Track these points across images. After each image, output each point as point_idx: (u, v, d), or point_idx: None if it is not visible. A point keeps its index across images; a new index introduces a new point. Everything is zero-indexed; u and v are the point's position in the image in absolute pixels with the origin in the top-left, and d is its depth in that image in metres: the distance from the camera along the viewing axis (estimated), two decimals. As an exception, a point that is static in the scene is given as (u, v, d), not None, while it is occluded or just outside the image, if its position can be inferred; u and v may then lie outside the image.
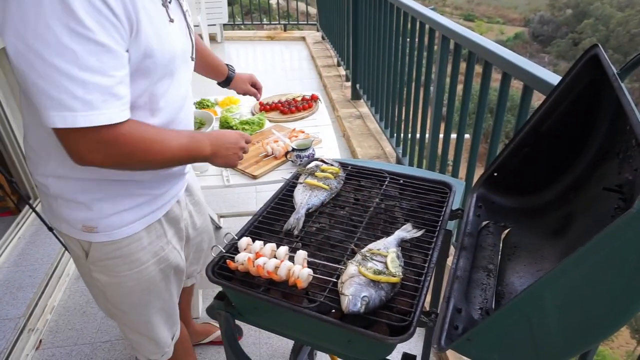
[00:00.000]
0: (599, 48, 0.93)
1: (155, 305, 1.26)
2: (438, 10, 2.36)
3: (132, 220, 1.10)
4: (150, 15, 0.89)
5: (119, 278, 1.15)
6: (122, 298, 1.20)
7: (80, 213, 1.05)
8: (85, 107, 0.80)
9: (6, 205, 2.82)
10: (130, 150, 0.91)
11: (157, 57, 0.92)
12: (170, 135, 0.99)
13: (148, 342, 1.32)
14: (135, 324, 1.28)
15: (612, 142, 0.91)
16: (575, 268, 0.61)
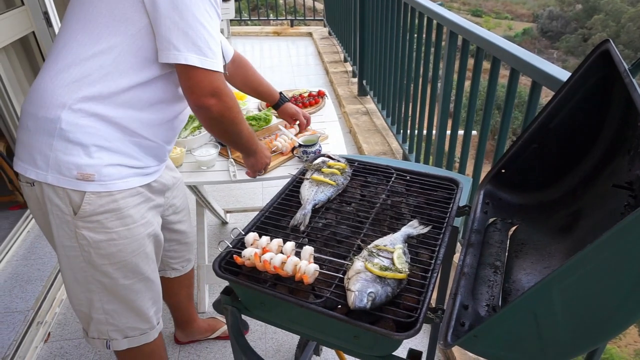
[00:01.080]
0: (610, 43, 0.92)
1: (144, 270, 1.23)
2: (446, 5, 2.34)
3: (127, 175, 1.15)
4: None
5: (110, 234, 1.13)
6: (110, 258, 1.16)
7: (77, 158, 1.05)
8: (214, 56, 1.07)
9: (15, 199, 2.84)
10: (234, 104, 1.17)
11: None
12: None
13: (130, 313, 1.26)
14: (120, 290, 1.21)
15: (622, 138, 0.90)
16: (583, 266, 0.61)
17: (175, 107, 1.22)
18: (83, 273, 1.18)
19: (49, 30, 2.40)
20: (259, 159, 1.49)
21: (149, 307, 1.31)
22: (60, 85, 1.05)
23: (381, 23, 3.29)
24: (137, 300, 1.26)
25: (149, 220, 1.24)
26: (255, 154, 1.46)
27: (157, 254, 1.33)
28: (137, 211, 1.19)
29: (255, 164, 1.50)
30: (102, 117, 1.07)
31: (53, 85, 1.05)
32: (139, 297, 1.26)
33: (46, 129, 1.05)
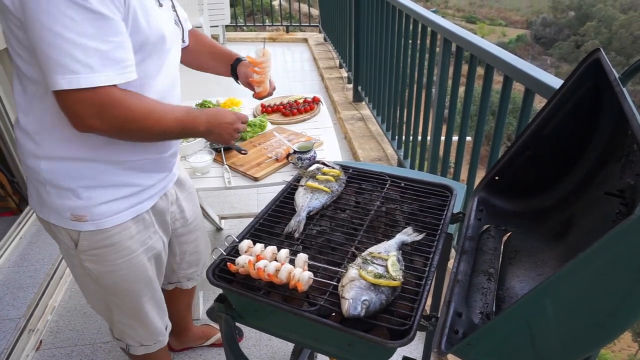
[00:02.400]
0: (600, 52, 0.93)
1: (147, 293, 1.29)
2: (440, 12, 2.37)
3: (120, 210, 1.13)
4: None
5: (111, 266, 1.18)
6: (116, 286, 1.22)
7: (69, 201, 1.07)
8: (86, 69, 0.87)
9: (7, 205, 2.82)
10: (128, 115, 0.96)
11: (145, 34, 0.98)
12: (167, 107, 1.06)
13: (142, 328, 1.35)
14: (130, 311, 1.30)
15: (614, 146, 0.91)
16: (576, 273, 0.61)
17: None
18: (97, 294, 1.27)
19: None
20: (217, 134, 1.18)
21: (158, 320, 1.37)
22: (24, 136, 1.04)
23: (376, 30, 3.31)
24: (147, 318, 1.33)
25: (150, 245, 1.25)
26: (211, 133, 1.17)
27: (160, 270, 1.34)
28: (136, 241, 1.20)
29: (220, 139, 1.21)
30: (77, 158, 1.04)
31: (19, 135, 1.05)
32: (148, 314, 1.33)
33: (35, 177, 1.07)
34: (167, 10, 1.11)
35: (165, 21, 1.07)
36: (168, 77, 1.13)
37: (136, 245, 1.20)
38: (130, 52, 0.94)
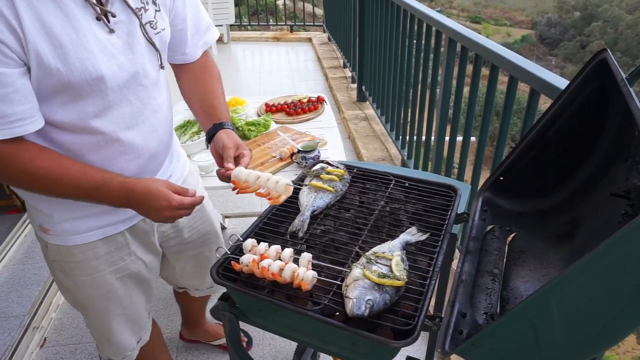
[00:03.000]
0: (607, 52, 0.92)
1: (114, 311, 1.24)
2: (445, 12, 2.36)
3: (86, 230, 1.09)
4: (50, 31, 0.83)
5: (76, 281, 1.16)
6: (82, 300, 1.21)
7: (38, 214, 1.08)
8: None
9: (13, 203, 2.84)
10: (8, 173, 0.89)
11: (62, 76, 0.86)
12: (70, 173, 0.92)
13: (107, 343, 1.31)
14: (95, 324, 1.28)
15: (620, 147, 0.91)
16: (581, 275, 0.61)
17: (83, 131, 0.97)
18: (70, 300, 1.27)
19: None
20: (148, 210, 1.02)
21: (127, 336, 1.32)
22: None
23: (380, 29, 3.31)
24: (113, 334, 1.28)
25: (121, 267, 1.19)
26: (133, 208, 1.01)
27: (143, 287, 1.30)
28: (103, 261, 1.14)
29: (150, 216, 1.04)
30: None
31: None
32: (114, 331, 1.28)
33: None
34: (123, 35, 0.95)
35: (105, 56, 0.91)
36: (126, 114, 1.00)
37: (102, 265, 1.14)
38: (23, 102, 0.84)
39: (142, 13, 0.98)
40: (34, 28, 0.81)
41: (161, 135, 1.12)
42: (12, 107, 0.83)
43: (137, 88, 1.01)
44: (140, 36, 0.98)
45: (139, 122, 1.03)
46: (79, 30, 0.86)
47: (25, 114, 0.85)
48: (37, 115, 0.88)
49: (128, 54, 0.96)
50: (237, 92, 2.57)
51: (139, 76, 1.00)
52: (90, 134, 0.97)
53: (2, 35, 0.78)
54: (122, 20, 0.95)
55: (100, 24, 0.90)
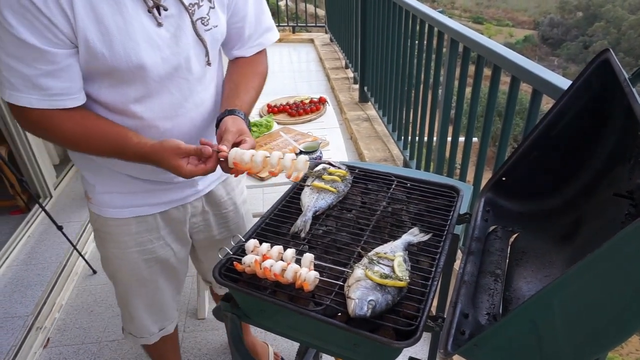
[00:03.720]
0: (610, 52, 0.92)
1: (137, 291, 1.29)
2: (447, 12, 2.36)
3: (121, 205, 1.15)
4: (100, 18, 0.88)
5: (107, 252, 1.24)
6: (111, 272, 1.28)
7: (84, 182, 1.17)
8: (11, 87, 0.90)
9: (16, 204, 2.85)
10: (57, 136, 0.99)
11: (107, 62, 0.91)
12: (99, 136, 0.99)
13: (130, 319, 1.37)
14: (121, 297, 1.34)
15: (623, 147, 0.90)
16: (584, 275, 0.61)
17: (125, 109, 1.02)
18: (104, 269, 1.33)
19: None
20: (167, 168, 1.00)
21: (146, 319, 1.36)
22: None
23: (382, 30, 3.31)
24: (134, 312, 1.34)
25: (149, 249, 1.23)
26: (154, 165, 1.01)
27: (170, 276, 1.33)
28: (133, 239, 1.20)
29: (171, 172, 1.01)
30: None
31: None
32: (135, 311, 1.33)
33: None
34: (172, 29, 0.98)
35: (151, 47, 0.95)
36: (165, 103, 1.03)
37: (132, 243, 1.20)
38: (66, 80, 0.91)
39: (194, 9, 1.01)
40: (85, 14, 0.87)
41: (201, 129, 1.14)
42: (55, 82, 0.91)
43: (179, 80, 1.03)
44: (189, 31, 1.01)
45: (178, 114, 1.07)
46: (127, 20, 0.91)
47: (65, 91, 0.93)
48: (78, 93, 0.95)
49: (173, 47, 0.99)
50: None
51: (182, 69, 1.03)
52: (130, 118, 1.02)
53: (55, 19, 0.85)
54: (173, 15, 0.98)
55: (150, 17, 0.94)
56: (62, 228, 2.20)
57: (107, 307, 2.19)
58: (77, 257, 2.42)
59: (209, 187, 1.29)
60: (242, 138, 1.05)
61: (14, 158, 2.72)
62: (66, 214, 2.82)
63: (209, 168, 1.00)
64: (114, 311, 2.16)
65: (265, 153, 1.01)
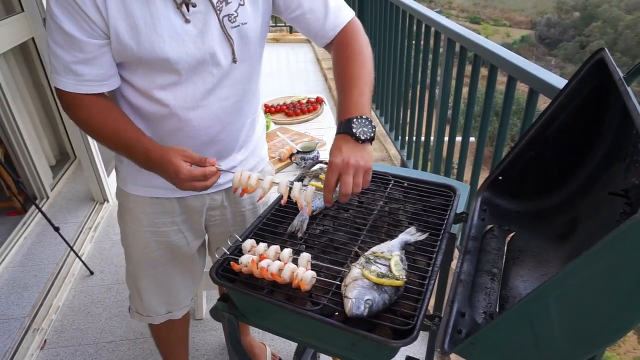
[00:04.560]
0: (605, 52, 0.92)
1: (146, 270, 1.33)
2: (444, 12, 2.36)
3: (141, 184, 1.20)
4: (130, 13, 0.95)
5: (125, 227, 1.29)
6: (125, 246, 1.33)
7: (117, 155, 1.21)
8: (55, 71, 1.00)
9: (12, 205, 2.84)
10: (81, 119, 1.06)
11: (134, 53, 0.98)
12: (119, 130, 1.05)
13: (138, 296, 1.38)
14: (130, 273, 1.37)
15: (618, 146, 0.91)
16: (579, 273, 0.61)
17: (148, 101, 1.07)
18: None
19: (49, 37, 2.41)
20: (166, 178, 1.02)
21: (153, 300, 1.38)
22: None
23: (380, 30, 3.31)
24: (141, 291, 1.37)
25: (162, 231, 1.26)
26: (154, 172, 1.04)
27: (179, 263, 1.34)
28: (148, 218, 1.24)
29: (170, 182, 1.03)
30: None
31: None
32: (143, 289, 1.36)
33: None
34: (199, 25, 0.99)
35: (176, 42, 0.98)
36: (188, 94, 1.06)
37: (146, 222, 1.24)
38: (99, 68, 1.00)
39: (222, 6, 1.02)
40: (116, 10, 0.94)
41: (226, 124, 1.14)
42: (88, 69, 0.99)
43: (204, 74, 1.06)
44: (215, 28, 1.02)
45: (199, 105, 1.08)
46: (155, 16, 0.96)
47: (97, 77, 1.01)
48: (109, 80, 1.03)
49: (198, 43, 1.01)
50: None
51: (207, 64, 1.05)
52: (155, 103, 1.07)
53: (90, 14, 0.93)
54: (201, 11, 0.99)
55: (178, 13, 0.98)
56: (59, 229, 2.19)
57: (104, 309, 2.18)
58: (74, 259, 2.41)
59: (229, 183, 1.27)
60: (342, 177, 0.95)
61: (10, 159, 2.71)
62: (63, 215, 2.81)
63: (207, 185, 1.01)
64: (111, 312, 2.16)
65: (273, 179, 1.03)
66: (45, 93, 3.15)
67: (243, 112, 1.18)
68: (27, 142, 2.71)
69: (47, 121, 3.26)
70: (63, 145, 3.37)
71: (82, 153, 2.74)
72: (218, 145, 1.17)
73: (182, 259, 1.35)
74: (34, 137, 2.90)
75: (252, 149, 1.28)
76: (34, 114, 3.03)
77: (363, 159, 0.94)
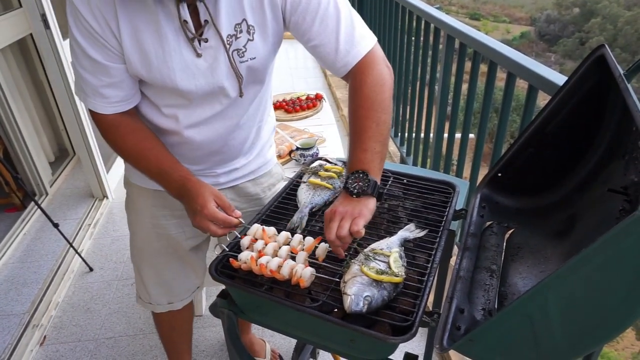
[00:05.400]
0: (605, 48, 0.92)
1: (147, 259, 1.35)
2: (444, 9, 2.36)
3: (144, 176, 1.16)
4: (142, 46, 0.96)
5: (130, 215, 1.33)
6: (131, 234, 1.36)
7: None
8: (82, 93, 1.04)
9: (12, 202, 2.84)
10: (110, 138, 1.08)
11: (145, 79, 1.02)
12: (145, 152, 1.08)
13: (141, 283, 1.40)
14: (134, 259, 1.39)
15: (618, 143, 0.91)
16: (578, 270, 0.61)
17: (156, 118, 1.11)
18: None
19: (47, 33, 2.39)
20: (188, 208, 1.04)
21: (153, 289, 1.40)
22: None
23: (379, 26, 3.30)
24: (143, 278, 1.39)
25: (161, 224, 1.28)
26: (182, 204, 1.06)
27: (176, 257, 1.35)
28: (148, 209, 1.27)
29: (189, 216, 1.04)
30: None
31: None
32: (145, 277, 1.38)
33: None
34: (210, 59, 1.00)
35: (186, 74, 0.99)
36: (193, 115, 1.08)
37: (147, 212, 1.27)
38: (124, 90, 1.03)
39: (232, 41, 1.00)
40: (129, 42, 0.96)
41: (227, 139, 1.16)
42: (116, 92, 1.03)
43: (212, 102, 1.08)
44: (224, 63, 1.01)
45: (200, 123, 1.11)
46: (166, 50, 0.97)
47: (124, 98, 1.05)
48: (133, 97, 1.07)
49: (208, 77, 1.02)
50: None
51: (216, 95, 1.06)
52: (165, 118, 1.10)
53: (108, 39, 0.96)
54: (212, 46, 0.99)
55: (190, 47, 0.98)
56: (58, 225, 2.19)
57: (104, 305, 2.18)
58: (74, 255, 2.41)
59: (233, 182, 1.28)
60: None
61: (9, 155, 2.71)
62: (62, 211, 2.81)
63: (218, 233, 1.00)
64: (110, 308, 2.16)
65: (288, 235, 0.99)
66: (44, 89, 3.14)
67: (247, 126, 1.18)
68: (26, 139, 2.70)
69: (46, 117, 3.25)
70: (62, 141, 3.37)
71: (81, 149, 2.74)
72: (222, 155, 1.20)
73: (182, 254, 1.35)
74: (32, 133, 2.89)
75: (257, 153, 1.28)
76: (33, 111, 3.02)
77: (354, 208, 0.92)
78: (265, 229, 0.99)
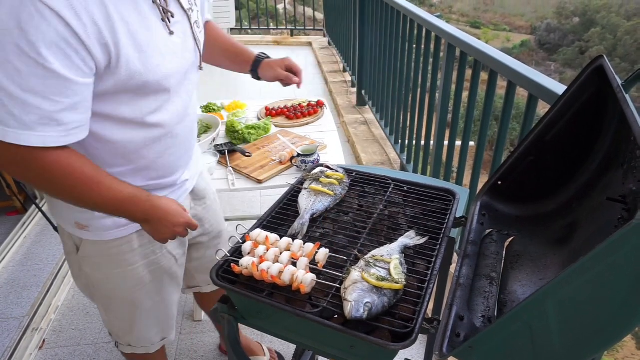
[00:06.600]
0: (604, 59, 0.93)
1: (143, 305, 1.27)
2: (444, 17, 2.38)
3: (124, 224, 1.11)
4: (135, 37, 0.87)
5: (108, 275, 1.19)
6: (109, 292, 1.23)
7: (74, 211, 1.06)
8: (19, 125, 0.79)
9: (13, 205, 2.84)
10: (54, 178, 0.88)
11: (142, 78, 0.91)
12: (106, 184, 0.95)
13: (129, 332, 1.32)
14: (120, 315, 1.29)
15: (616, 152, 0.92)
16: (577, 278, 0.62)
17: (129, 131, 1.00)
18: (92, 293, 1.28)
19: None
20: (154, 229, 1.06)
21: (150, 329, 1.34)
22: None
23: (380, 34, 3.32)
24: (135, 325, 1.30)
25: (153, 260, 1.22)
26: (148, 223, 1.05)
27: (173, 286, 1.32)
28: (137, 254, 1.18)
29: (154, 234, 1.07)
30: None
31: None
32: (137, 324, 1.30)
33: None
34: (182, 34, 0.99)
35: (173, 54, 0.96)
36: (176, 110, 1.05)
37: (136, 258, 1.18)
38: (83, 112, 0.86)
39: (191, 14, 1.01)
40: (125, 37, 0.84)
41: (194, 128, 1.19)
42: (76, 115, 0.85)
43: (187, 84, 1.05)
44: (190, 36, 1.01)
45: (184, 116, 1.08)
46: (153, 33, 0.90)
47: (82, 123, 0.87)
48: (87, 123, 0.90)
49: (184, 53, 1.00)
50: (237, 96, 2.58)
51: (190, 73, 1.05)
52: (149, 128, 1.00)
53: (92, 47, 0.80)
54: (179, 21, 0.98)
55: (164, 25, 0.93)
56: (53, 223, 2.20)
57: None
58: (74, 259, 2.41)
59: (193, 183, 1.30)
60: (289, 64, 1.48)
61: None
62: (63, 215, 2.82)
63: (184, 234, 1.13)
64: (110, 313, 2.16)
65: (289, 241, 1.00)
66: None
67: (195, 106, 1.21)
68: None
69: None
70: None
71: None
72: (190, 152, 1.20)
73: (175, 278, 1.32)
74: (34, 137, 2.90)
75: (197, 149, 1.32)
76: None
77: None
78: (268, 235, 1.00)
